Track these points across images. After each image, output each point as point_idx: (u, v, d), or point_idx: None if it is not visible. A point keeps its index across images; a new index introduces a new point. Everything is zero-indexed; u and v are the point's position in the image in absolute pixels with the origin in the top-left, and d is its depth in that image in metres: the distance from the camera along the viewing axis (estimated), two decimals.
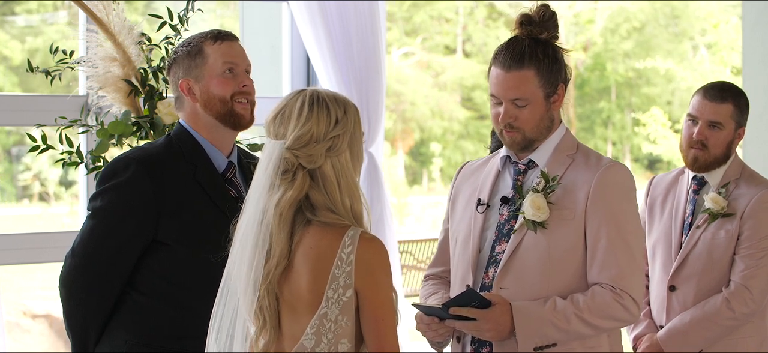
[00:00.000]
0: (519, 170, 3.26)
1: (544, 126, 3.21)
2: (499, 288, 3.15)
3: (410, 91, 20.07)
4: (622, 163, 3.28)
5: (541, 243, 3.14)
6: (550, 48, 3.19)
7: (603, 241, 3.12)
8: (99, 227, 3.30)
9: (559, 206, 3.15)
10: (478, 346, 3.19)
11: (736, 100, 4.07)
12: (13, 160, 16.85)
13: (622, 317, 3.13)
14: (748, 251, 3.98)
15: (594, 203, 3.14)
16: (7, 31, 16.45)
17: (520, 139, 3.21)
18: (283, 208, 2.64)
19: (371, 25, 5.21)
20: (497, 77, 3.18)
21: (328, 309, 2.64)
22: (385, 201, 5.33)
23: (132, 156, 3.33)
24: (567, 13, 20.60)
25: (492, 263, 3.21)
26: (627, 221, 3.16)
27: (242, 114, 3.36)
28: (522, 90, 3.15)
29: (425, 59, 20.83)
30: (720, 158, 4.06)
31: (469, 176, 3.39)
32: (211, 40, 3.36)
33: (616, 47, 20.88)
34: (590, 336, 3.14)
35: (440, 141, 20.26)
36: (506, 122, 3.18)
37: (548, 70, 3.17)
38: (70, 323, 3.35)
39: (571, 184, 3.18)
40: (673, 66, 19.35)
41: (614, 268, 3.11)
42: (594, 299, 3.10)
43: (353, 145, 2.71)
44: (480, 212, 3.26)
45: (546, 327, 3.08)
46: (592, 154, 3.26)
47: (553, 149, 3.24)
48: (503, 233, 3.21)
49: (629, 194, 3.20)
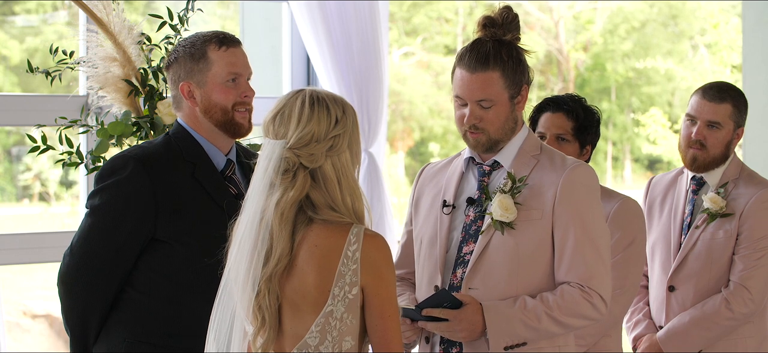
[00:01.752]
0: (483, 172, 3.27)
1: (508, 127, 3.23)
2: (468, 289, 3.17)
3: (410, 91, 20.07)
4: (586, 163, 3.30)
5: (508, 244, 3.16)
6: (513, 49, 3.21)
7: (571, 241, 3.15)
8: (97, 225, 3.29)
9: (526, 207, 3.17)
10: (448, 346, 3.21)
11: (734, 100, 4.07)
12: (13, 160, 16.84)
13: (591, 315, 3.16)
14: (746, 251, 3.99)
15: (561, 203, 3.16)
16: (7, 31, 16.44)
17: (484, 140, 3.22)
18: (284, 208, 2.65)
19: (371, 25, 5.20)
20: (462, 79, 3.19)
21: (333, 307, 2.65)
22: (386, 201, 5.33)
23: (130, 154, 3.32)
24: (567, 13, 20.60)
25: (460, 264, 3.22)
26: (594, 222, 3.18)
27: (241, 123, 3.35)
28: (487, 91, 3.17)
29: (425, 59, 20.83)
30: (719, 158, 4.06)
31: (432, 178, 3.40)
32: (216, 45, 3.34)
33: (616, 47, 20.88)
34: (559, 334, 3.17)
35: (440, 141, 20.26)
36: (471, 123, 3.20)
37: (513, 71, 3.19)
38: (68, 321, 3.35)
39: (537, 184, 3.20)
40: (672, 66, 19.36)
41: (582, 267, 3.14)
42: (563, 297, 3.13)
43: (352, 145, 2.72)
44: (446, 214, 3.28)
45: (517, 326, 3.10)
46: (557, 154, 3.28)
47: (517, 149, 3.26)
48: (470, 234, 3.23)
49: (595, 194, 3.23)
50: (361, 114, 5.20)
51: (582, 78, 21.04)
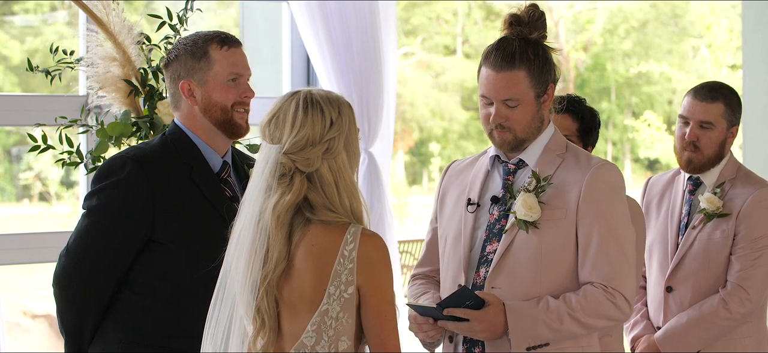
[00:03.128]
0: (508, 170, 3.26)
1: (534, 126, 3.22)
2: (491, 288, 3.16)
3: (410, 91, 20.06)
4: (612, 162, 3.29)
5: (532, 243, 3.14)
6: (540, 48, 3.19)
7: (595, 240, 3.13)
8: (94, 226, 3.29)
9: (550, 206, 3.16)
10: (470, 346, 3.20)
11: (726, 99, 4.06)
12: (13, 160, 16.84)
13: (614, 316, 3.14)
14: (743, 251, 3.98)
15: (585, 202, 3.14)
16: (7, 31, 16.44)
17: (511, 139, 3.21)
18: (280, 211, 2.64)
19: (371, 25, 5.20)
20: (488, 78, 3.18)
21: (329, 306, 2.64)
22: (386, 201, 5.33)
23: (128, 155, 3.32)
24: (567, 13, 20.59)
25: (483, 263, 3.21)
26: (618, 221, 3.17)
27: (240, 124, 3.35)
28: (513, 90, 3.16)
29: (425, 59, 20.83)
30: (713, 158, 4.06)
31: (457, 176, 3.39)
32: (217, 44, 3.34)
33: (616, 47, 20.87)
34: (583, 335, 3.16)
35: (440, 141, 20.26)
36: (497, 122, 3.18)
37: (539, 70, 3.17)
38: (63, 322, 3.35)
39: (562, 183, 3.18)
40: (667, 68, 19.34)
41: (606, 267, 3.12)
42: (586, 298, 3.11)
43: (349, 145, 2.71)
44: (470, 212, 3.27)
45: (539, 326, 3.09)
46: (582, 153, 3.26)
47: (542, 148, 3.24)
48: (494, 233, 3.21)
49: (620, 194, 3.21)
50: (361, 114, 5.20)
51: (582, 78, 21.04)
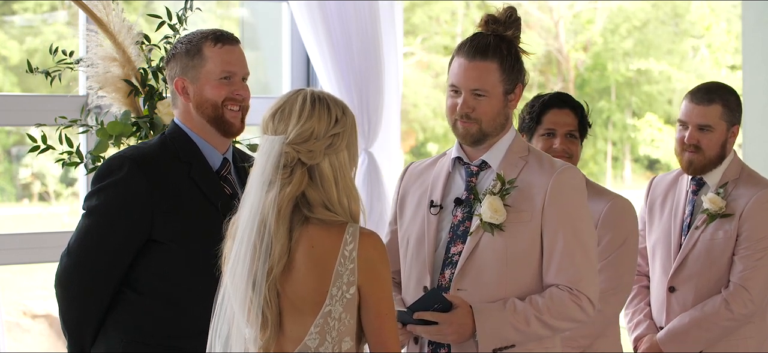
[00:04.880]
0: (471, 172, 3.27)
1: (499, 122, 3.23)
2: (457, 290, 3.17)
3: (411, 91, 20.07)
4: (574, 166, 3.31)
5: (498, 245, 3.16)
6: (513, 46, 3.23)
7: (560, 243, 3.15)
8: (94, 226, 3.29)
9: (515, 209, 3.17)
10: (436, 347, 3.21)
11: (723, 100, 4.05)
12: (13, 160, 16.84)
13: (578, 318, 3.17)
14: (746, 251, 3.98)
15: (551, 205, 3.16)
16: (6, 31, 16.43)
17: (475, 131, 3.21)
18: (281, 204, 2.64)
19: (371, 25, 5.20)
20: (460, 66, 3.20)
21: (332, 307, 2.64)
22: (386, 201, 5.33)
23: (126, 155, 3.32)
24: (567, 13, 20.59)
25: (448, 265, 3.22)
26: (583, 224, 3.20)
27: (232, 121, 3.34)
28: (483, 80, 3.18)
29: (425, 59, 20.83)
30: (715, 159, 4.05)
31: (417, 178, 3.39)
32: (211, 42, 3.33)
33: (616, 47, 20.87)
34: (548, 336, 3.18)
35: (441, 141, 20.25)
36: (464, 111, 3.20)
37: (510, 66, 3.20)
38: (65, 322, 3.35)
39: (526, 186, 3.20)
40: (667, 68, 19.34)
41: (571, 270, 3.15)
42: (552, 300, 3.14)
43: (350, 146, 2.72)
44: (433, 214, 3.27)
45: (506, 329, 3.11)
46: (544, 156, 3.29)
47: (505, 150, 3.25)
48: (458, 235, 3.22)
49: (583, 197, 3.24)
50: (361, 114, 5.19)
51: (582, 78, 21.04)
